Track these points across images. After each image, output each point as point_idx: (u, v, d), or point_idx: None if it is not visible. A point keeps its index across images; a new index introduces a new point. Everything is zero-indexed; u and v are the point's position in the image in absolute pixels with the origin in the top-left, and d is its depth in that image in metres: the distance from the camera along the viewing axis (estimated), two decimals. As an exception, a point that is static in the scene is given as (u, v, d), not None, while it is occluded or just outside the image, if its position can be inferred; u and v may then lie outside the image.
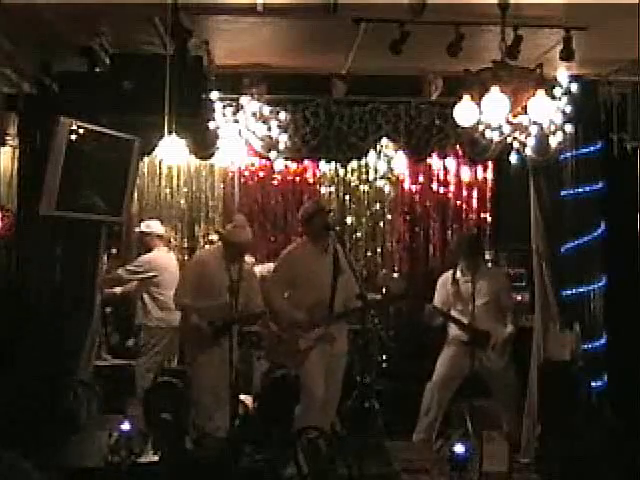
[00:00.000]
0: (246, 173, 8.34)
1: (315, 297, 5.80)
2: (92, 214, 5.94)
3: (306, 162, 8.09)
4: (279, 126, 6.14)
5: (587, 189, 6.37)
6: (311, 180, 8.43)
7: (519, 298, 7.03)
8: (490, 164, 8.12)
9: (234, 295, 5.71)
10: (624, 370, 6.31)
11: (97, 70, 5.64)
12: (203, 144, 6.10)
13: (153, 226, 7.44)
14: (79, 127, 5.62)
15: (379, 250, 8.49)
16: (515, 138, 5.81)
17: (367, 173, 8.43)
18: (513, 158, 6.54)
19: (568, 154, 6.33)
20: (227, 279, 5.83)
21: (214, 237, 7.90)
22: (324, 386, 5.79)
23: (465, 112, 4.96)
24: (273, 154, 6.24)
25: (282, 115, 6.15)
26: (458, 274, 6.58)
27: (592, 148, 6.40)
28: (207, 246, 8.02)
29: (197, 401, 6.00)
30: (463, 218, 8.46)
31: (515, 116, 4.98)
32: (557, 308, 6.34)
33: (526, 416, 6.39)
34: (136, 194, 7.57)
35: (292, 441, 5.30)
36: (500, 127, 5.16)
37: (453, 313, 6.56)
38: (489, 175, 8.39)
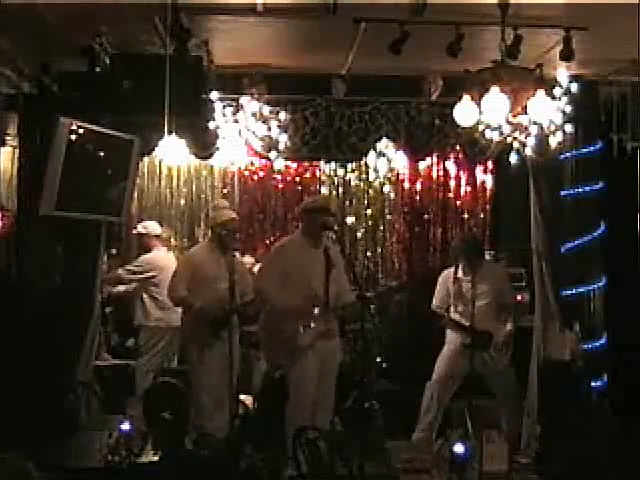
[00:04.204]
0: (246, 173, 8.35)
1: (309, 292, 5.71)
2: (92, 214, 5.94)
3: (306, 162, 8.10)
4: (279, 126, 6.14)
5: (587, 189, 6.37)
6: (311, 180, 8.43)
7: (519, 298, 7.03)
8: (490, 164, 8.12)
9: (231, 286, 5.70)
10: (624, 370, 6.31)
11: (97, 70, 5.64)
12: (203, 144, 6.10)
13: (150, 227, 7.44)
14: (79, 127, 5.62)
15: (379, 250, 8.50)
16: (515, 138, 5.80)
17: (367, 173, 8.43)
18: (513, 158, 6.53)
19: (568, 154, 6.33)
20: (222, 271, 5.82)
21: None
22: (318, 382, 5.73)
23: (465, 112, 4.96)
24: (273, 154, 6.24)
25: (282, 115, 6.15)
26: (459, 273, 6.58)
27: (592, 148, 6.40)
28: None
29: (197, 401, 6.00)
30: (463, 218, 8.47)
31: (515, 116, 4.98)
32: (557, 308, 6.34)
33: (526, 416, 6.39)
34: (136, 194, 7.57)
35: (292, 441, 5.29)
36: (500, 127, 5.16)
37: (454, 314, 6.56)
38: (489, 175, 8.39)
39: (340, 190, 8.45)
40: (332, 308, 5.78)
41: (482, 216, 8.44)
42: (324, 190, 8.42)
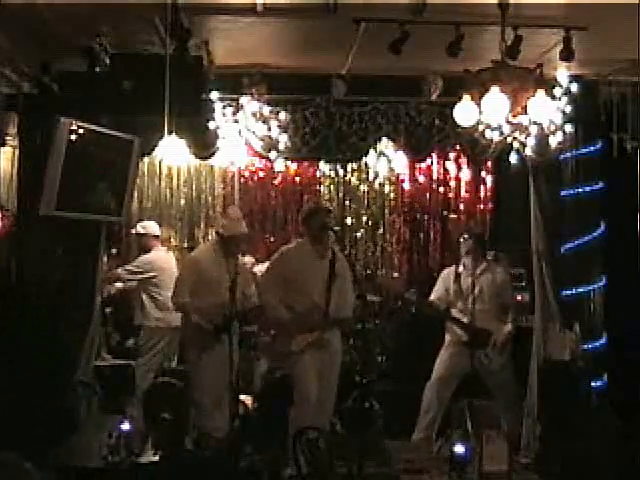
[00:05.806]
0: (246, 173, 8.35)
1: (310, 301, 5.74)
2: (92, 214, 5.94)
3: (306, 162, 8.09)
4: (279, 126, 6.14)
5: (587, 189, 6.38)
6: (311, 180, 8.43)
7: (519, 298, 7.03)
8: (490, 164, 8.12)
9: (233, 291, 5.70)
10: (624, 370, 6.31)
11: (97, 70, 5.64)
12: (203, 144, 6.10)
13: (148, 227, 7.44)
14: (79, 127, 5.62)
15: (379, 250, 8.50)
16: (515, 138, 5.80)
17: (367, 173, 8.43)
18: (513, 158, 6.53)
19: (568, 154, 6.34)
20: (225, 276, 5.81)
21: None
22: (318, 386, 5.75)
23: (465, 112, 4.96)
24: (273, 154, 6.24)
25: (282, 115, 6.15)
26: (460, 269, 6.59)
27: (592, 148, 6.40)
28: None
29: (197, 401, 6.01)
30: (463, 218, 8.46)
31: (515, 116, 4.97)
32: (557, 308, 6.34)
33: (526, 416, 6.39)
34: (136, 194, 7.57)
35: (292, 441, 5.29)
36: (500, 127, 5.15)
37: (454, 312, 6.57)
38: (489, 175, 8.39)
39: (340, 190, 8.45)
40: (332, 318, 5.77)
41: (482, 216, 8.44)
42: (324, 190, 8.42)
